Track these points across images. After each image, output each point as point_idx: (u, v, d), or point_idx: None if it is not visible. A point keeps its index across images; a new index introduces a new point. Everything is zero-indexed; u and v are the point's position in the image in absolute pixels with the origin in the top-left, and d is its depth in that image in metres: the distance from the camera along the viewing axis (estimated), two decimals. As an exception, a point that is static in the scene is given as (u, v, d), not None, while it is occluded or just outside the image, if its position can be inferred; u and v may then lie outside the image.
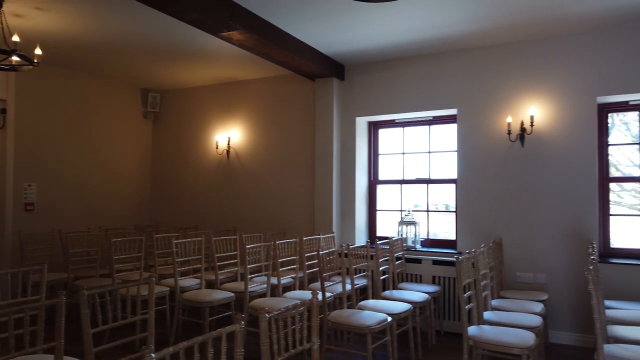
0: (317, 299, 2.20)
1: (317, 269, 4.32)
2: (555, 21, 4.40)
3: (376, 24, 4.51)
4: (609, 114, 4.81)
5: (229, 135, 6.65)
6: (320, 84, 5.88)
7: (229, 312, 4.76)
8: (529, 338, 3.07)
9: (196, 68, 6.11)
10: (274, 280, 4.70)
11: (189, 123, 7.12)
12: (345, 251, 4.34)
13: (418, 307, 4.30)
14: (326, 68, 5.52)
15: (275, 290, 4.57)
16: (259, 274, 4.69)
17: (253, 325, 4.31)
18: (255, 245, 4.49)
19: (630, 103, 4.67)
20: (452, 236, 5.47)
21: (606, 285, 4.40)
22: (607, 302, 4.08)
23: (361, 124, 5.95)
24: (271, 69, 6.01)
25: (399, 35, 4.82)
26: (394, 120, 5.90)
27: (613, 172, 4.83)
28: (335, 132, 5.84)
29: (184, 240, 4.74)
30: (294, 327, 2.12)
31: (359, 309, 3.94)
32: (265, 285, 4.56)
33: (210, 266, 5.56)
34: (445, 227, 5.75)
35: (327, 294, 4.17)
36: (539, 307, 3.89)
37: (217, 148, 6.72)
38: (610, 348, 2.83)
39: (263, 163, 6.42)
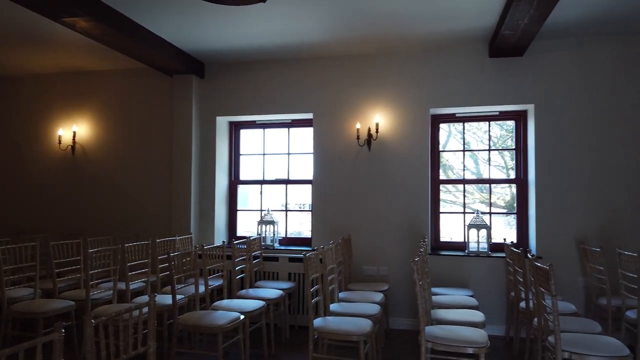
0: (155, 301, 2.16)
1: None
2: (396, 40, 4.89)
3: (235, 24, 4.54)
4: (441, 124, 5.49)
5: (74, 130, 6.09)
6: (178, 80, 5.72)
7: (69, 322, 4.38)
8: (366, 325, 3.36)
9: (39, 54, 5.49)
10: (122, 286, 4.45)
11: (29, 114, 6.36)
12: (199, 252, 4.29)
13: (272, 304, 4.42)
14: (185, 65, 5.39)
15: (124, 296, 4.33)
16: (106, 279, 4.39)
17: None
18: (100, 249, 4.20)
19: (457, 115, 5.38)
20: (309, 234, 5.74)
21: (436, 274, 5.01)
22: (435, 289, 4.66)
23: (222, 123, 5.92)
24: (125, 61, 5.67)
25: (259, 38, 4.91)
26: (254, 122, 5.98)
27: (450, 175, 5.52)
28: (194, 131, 5.72)
29: (14, 245, 4.24)
30: (134, 333, 2.06)
31: (213, 309, 3.93)
32: (112, 291, 4.29)
33: (48, 274, 5.05)
34: (306, 226, 6.00)
35: (180, 296, 4.08)
36: (379, 296, 4.28)
37: (60, 143, 6.11)
38: (431, 329, 3.23)
39: (115, 161, 6.02)
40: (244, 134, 6.12)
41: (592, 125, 4.76)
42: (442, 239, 5.43)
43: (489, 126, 5.43)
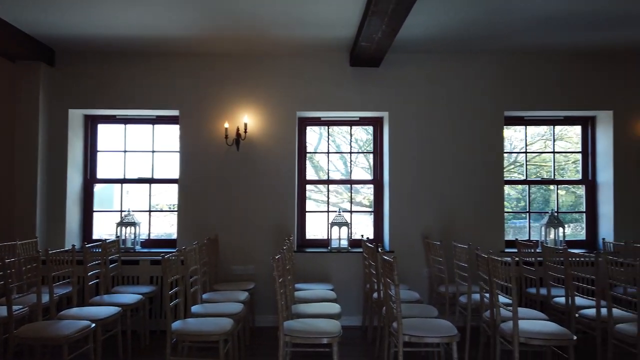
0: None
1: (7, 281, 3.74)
2: (265, 42, 4.97)
3: (91, 11, 4.22)
4: (308, 126, 5.72)
5: None
6: (22, 67, 5.12)
7: None
8: (227, 324, 3.37)
9: None
10: (-55, 299, 3.85)
11: None
12: (43, 257, 3.90)
13: (129, 310, 4.20)
14: (30, 50, 4.85)
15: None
16: None
17: None
18: None
19: (322, 119, 5.65)
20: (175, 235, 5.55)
21: (301, 270, 5.20)
22: (299, 285, 4.83)
23: (76, 116, 5.44)
24: (-47, 40, 4.91)
25: (118, 29, 4.62)
26: (115, 116, 5.60)
27: (321, 175, 5.76)
28: (42, 124, 5.18)
29: None
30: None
31: (59, 318, 3.61)
32: None
33: None
34: (174, 227, 5.78)
35: (18, 307, 3.66)
36: (244, 295, 4.31)
37: None
38: (289, 323, 3.36)
39: (-60, 155, 5.18)
40: (103, 129, 5.70)
41: (436, 132, 5.35)
42: (308, 237, 5.65)
43: (351, 130, 5.80)
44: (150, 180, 5.62)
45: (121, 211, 5.57)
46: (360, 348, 4.53)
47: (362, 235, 5.30)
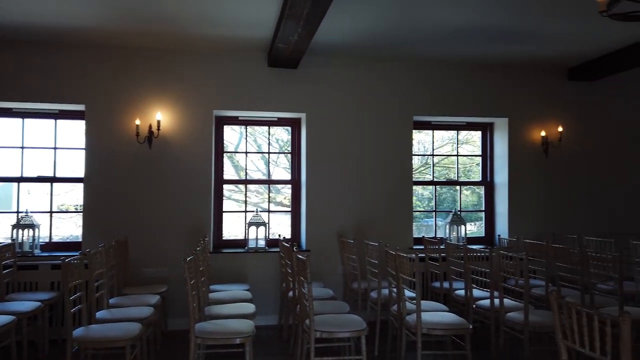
0: None
1: None
2: (180, 39, 4.84)
3: (-20, -6, 3.85)
4: (225, 126, 5.65)
5: None
6: None
7: None
8: (134, 329, 3.25)
9: None
10: None
11: None
12: None
13: (26, 318, 3.89)
14: None
15: None
16: None
17: None
18: None
19: (240, 118, 5.62)
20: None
21: (217, 271, 5.13)
22: (215, 286, 4.77)
23: (-36, 108, 4.94)
24: None
25: (13, 15, 4.26)
26: (11, 109, 5.16)
27: (242, 175, 5.69)
28: None
29: None
30: None
31: (-60, 332, 3.27)
32: None
33: None
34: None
35: None
36: (154, 299, 4.17)
37: None
38: (201, 325, 3.31)
39: None
40: (-3, 123, 5.23)
41: (351, 134, 5.53)
42: (226, 237, 5.59)
43: (269, 130, 5.83)
44: (52, 179, 5.24)
45: (17, 212, 5.14)
46: (275, 347, 4.57)
47: (280, 235, 5.34)
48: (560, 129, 5.75)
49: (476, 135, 6.24)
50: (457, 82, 5.73)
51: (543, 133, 5.78)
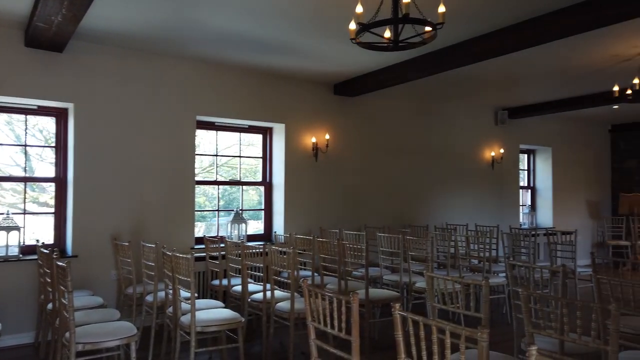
0: None
1: None
2: None
3: None
4: (-36, 111, 4.67)
5: None
6: None
7: None
8: None
9: None
10: None
11: None
12: None
13: None
14: None
15: None
16: None
17: None
18: None
19: (-14, 103, 4.72)
20: None
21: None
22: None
23: None
24: None
25: None
26: None
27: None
28: None
29: None
30: None
31: None
32: None
33: None
34: None
35: None
36: None
37: None
38: None
39: None
40: None
41: (129, 130, 5.20)
42: (-38, 246, 4.61)
43: (26, 120, 5.04)
44: None
45: None
46: (29, 368, 4.00)
47: (38, 240, 4.68)
48: (327, 136, 6.51)
49: (258, 138, 6.58)
50: (241, 87, 5.95)
51: (314, 139, 6.46)
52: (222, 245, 5.15)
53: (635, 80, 5.15)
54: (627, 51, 5.13)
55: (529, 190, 9.47)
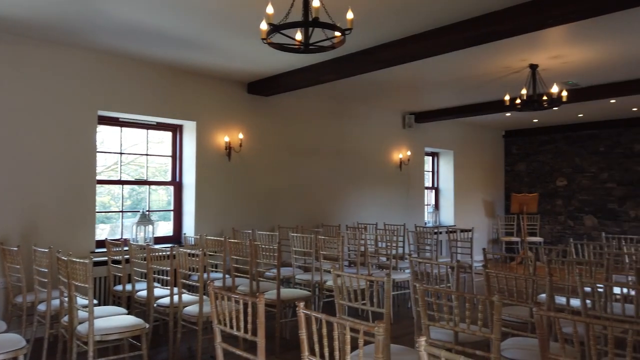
0: None
1: None
2: None
3: None
4: None
5: None
6: None
7: None
8: None
9: None
10: None
11: None
12: None
13: None
14: None
15: None
16: None
17: None
18: None
19: None
20: None
21: None
22: None
23: None
24: None
25: None
26: None
27: None
28: None
29: None
30: None
31: None
32: None
33: None
34: None
35: None
36: None
37: None
38: None
39: None
40: None
41: (21, 125, 4.75)
42: None
43: None
44: None
45: None
46: None
47: None
48: (241, 136, 6.43)
49: (168, 136, 6.32)
50: (149, 82, 5.68)
51: (227, 138, 6.35)
52: (126, 248, 4.88)
53: (523, 91, 5.69)
54: (517, 64, 5.65)
55: (433, 191, 10.08)
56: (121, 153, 5.91)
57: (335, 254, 5.18)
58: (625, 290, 3.55)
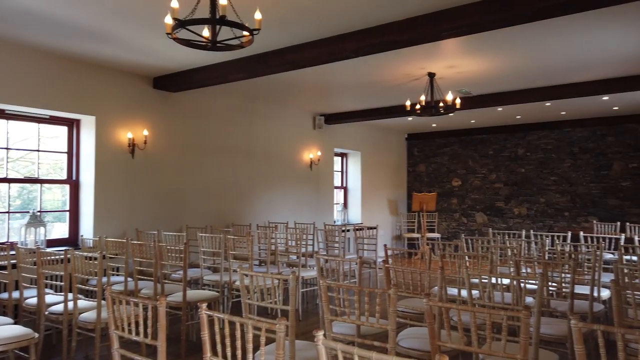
0: None
1: None
2: None
3: None
4: None
5: None
6: None
7: None
8: None
9: None
10: None
11: None
12: None
13: None
14: None
15: None
16: None
17: None
18: None
19: None
20: None
21: None
22: None
23: None
24: None
25: None
26: None
27: None
28: None
29: None
30: None
31: None
32: None
33: None
34: None
35: None
36: None
37: None
38: None
39: None
40: None
41: None
42: None
43: None
44: None
45: None
46: None
47: None
48: (146, 132, 6.15)
49: (63, 131, 5.87)
50: (40, 72, 5.22)
51: (130, 135, 6.03)
52: (12, 252, 4.46)
53: (422, 97, 6.09)
54: (417, 72, 6.03)
55: (342, 190, 10.40)
56: (8, 149, 5.38)
57: (246, 254, 5.16)
58: (506, 280, 3.95)
